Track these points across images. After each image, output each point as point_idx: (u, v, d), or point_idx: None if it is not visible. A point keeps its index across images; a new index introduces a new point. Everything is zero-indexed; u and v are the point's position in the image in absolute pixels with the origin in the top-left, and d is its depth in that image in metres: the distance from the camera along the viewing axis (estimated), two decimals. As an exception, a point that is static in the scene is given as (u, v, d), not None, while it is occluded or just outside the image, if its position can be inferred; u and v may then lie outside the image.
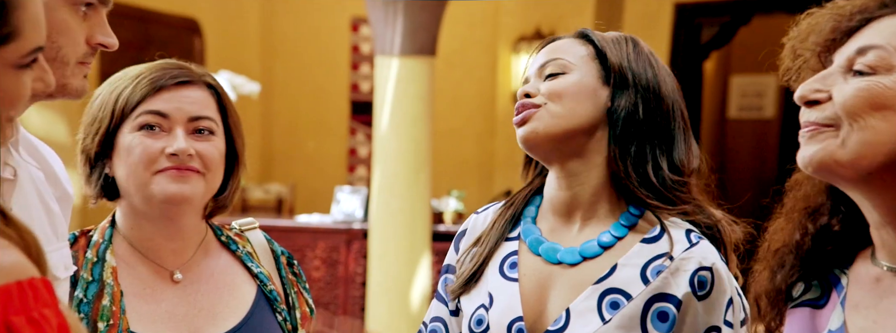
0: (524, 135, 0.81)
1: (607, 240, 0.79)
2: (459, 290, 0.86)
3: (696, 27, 4.21)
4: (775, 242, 0.71)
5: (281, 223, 3.61)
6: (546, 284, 0.81)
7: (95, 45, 0.69)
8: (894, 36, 0.62)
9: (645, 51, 0.84)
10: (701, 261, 0.77)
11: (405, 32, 3.06)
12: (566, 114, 0.79)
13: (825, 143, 0.62)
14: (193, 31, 4.28)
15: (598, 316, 0.77)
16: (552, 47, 0.84)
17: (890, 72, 0.61)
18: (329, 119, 4.61)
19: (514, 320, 0.81)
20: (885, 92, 0.60)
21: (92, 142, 0.87)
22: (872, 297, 0.65)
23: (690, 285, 0.76)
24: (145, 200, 0.87)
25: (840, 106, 0.62)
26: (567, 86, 0.80)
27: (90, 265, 0.87)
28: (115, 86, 0.88)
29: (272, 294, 0.92)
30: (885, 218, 0.64)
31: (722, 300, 0.76)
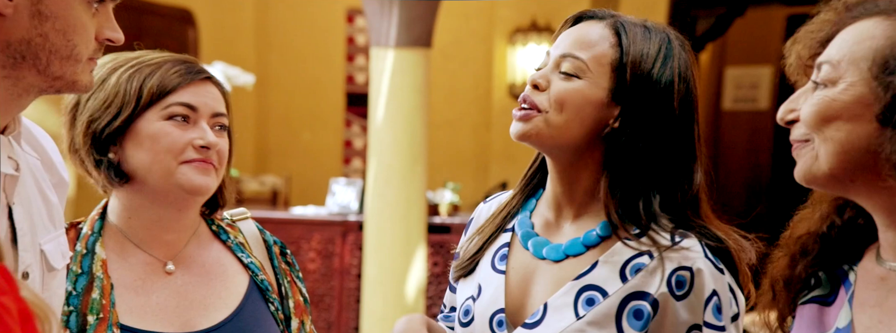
0: (517, 132, 0.80)
1: (592, 240, 0.79)
2: (457, 277, 0.87)
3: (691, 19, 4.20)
4: (799, 229, 0.72)
5: (276, 215, 3.61)
6: (530, 278, 0.81)
7: (103, 41, 0.70)
8: (841, 48, 0.64)
9: (676, 65, 0.78)
10: (681, 261, 0.76)
11: (401, 24, 3.04)
12: (564, 127, 0.78)
13: (805, 159, 0.66)
14: (187, 21, 4.25)
15: (573, 312, 0.77)
16: (580, 37, 0.79)
17: (835, 84, 0.64)
18: (324, 111, 4.60)
19: (496, 312, 0.81)
20: (831, 104, 0.63)
21: (108, 127, 0.86)
22: (878, 296, 0.66)
23: (668, 285, 0.75)
24: (166, 187, 0.87)
25: (802, 122, 0.65)
26: (574, 98, 0.77)
27: (79, 257, 0.87)
28: (132, 70, 0.87)
29: (264, 285, 0.92)
30: (886, 221, 0.66)
31: (701, 300, 0.76)
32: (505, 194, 0.90)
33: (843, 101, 0.64)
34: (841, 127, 0.64)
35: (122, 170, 0.88)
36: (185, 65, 0.89)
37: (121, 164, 0.88)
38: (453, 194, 3.55)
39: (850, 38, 0.65)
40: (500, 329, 0.80)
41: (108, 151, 0.87)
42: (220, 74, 3.26)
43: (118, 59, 0.89)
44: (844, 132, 0.63)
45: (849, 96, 0.64)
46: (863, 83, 0.63)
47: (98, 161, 0.87)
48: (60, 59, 0.65)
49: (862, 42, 0.64)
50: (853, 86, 0.64)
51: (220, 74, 3.21)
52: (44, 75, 0.65)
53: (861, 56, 0.64)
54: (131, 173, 0.88)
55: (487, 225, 0.87)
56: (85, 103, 0.88)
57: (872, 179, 0.64)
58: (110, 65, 0.89)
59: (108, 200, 0.92)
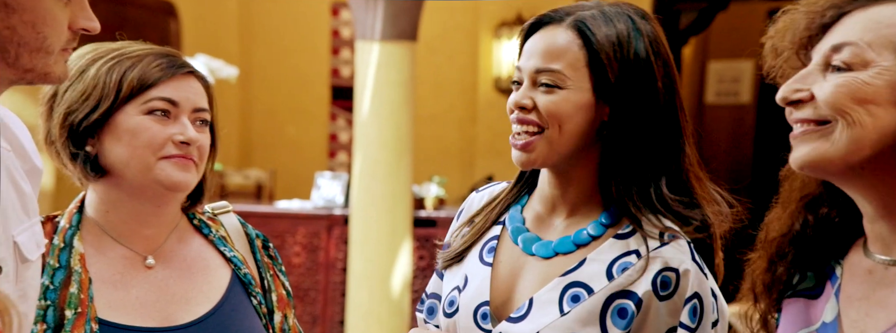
0: (522, 162, 0.79)
1: (583, 239, 0.79)
2: (445, 264, 0.87)
3: (674, 13, 4.23)
4: (773, 231, 0.71)
5: (260, 209, 3.58)
6: (518, 273, 0.81)
7: (78, 30, 0.68)
8: (865, 31, 0.63)
9: (646, 44, 0.77)
10: (668, 262, 0.76)
11: (386, 17, 3.02)
12: (564, 139, 0.77)
13: (816, 143, 0.63)
14: (169, 13, 4.19)
15: (558, 308, 0.77)
16: (547, 48, 0.77)
17: (866, 67, 0.62)
18: (309, 104, 4.57)
19: (481, 304, 0.81)
20: (863, 87, 0.61)
21: (85, 119, 0.85)
22: (865, 289, 0.66)
23: (653, 285, 0.75)
24: (144, 183, 0.86)
25: (823, 102, 0.63)
26: (564, 107, 0.77)
27: (57, 251, 0.86)
28: (112, 62, 0.85)
29: (246, 278, 0.91)
30: (879, 212, 0.65)
31: (682, 301, 0.76)
32: (499, 185, 0.90)
33: (877, 85, 0.61)
34: (873, 110, 0.61)
35: (100, 164, 0.86)
36: (168, 58, 0.87)
37: (98, 158, 0.86)
38: (439, 188, 3.55)
39: (875, 21, 0.62)
40: (484, 322, 0.80)
41: (86, 144, 0.86)
42: (203, 67, 3.22)
43: (99, 50, 0.87)
44: (876, 117, 0.61)
45: (883, 81, 0.61)
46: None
47: (74, 154, 0.86)
48: (30, 52, 0.64)
49: (892, 26, 0.61)
50: (888, 71, 0.61)
51: (202, 67, 3.17)
52: (14, 67, 0.64)
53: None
54: (109, 167, 0.86)
55: (480, 217, 0.86)
56: (62, 94, 0.86)
57: (884, 168, 0.62)
58: (90, 56, 0.87)
59: (85, 193, 0.90)
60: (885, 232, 0.65)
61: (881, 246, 0.66)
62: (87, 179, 0.87)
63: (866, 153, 0.62)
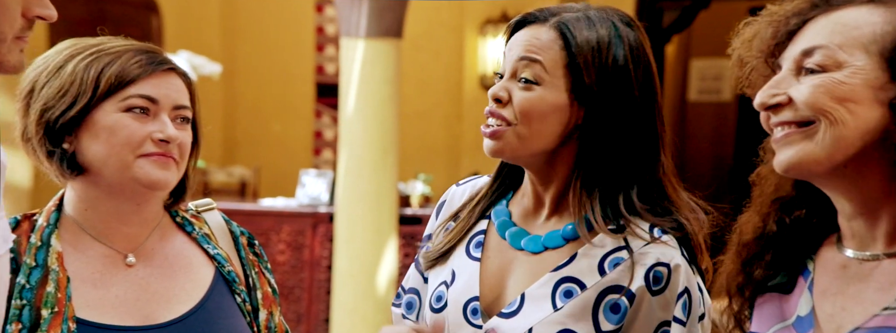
0: (490, 150, 0.80)
1: (571, 233, 0.80)
2: (429, 264, 0.86)
3: (657, 11, 4.26)
4: (746, 234, 0.72)
5: (244, 206, 3.56)
6: (507, 268, 0.81)
7: (33, 18, 0.66)
8: (834, 34, 0.64)
9: (627, 50, 0.77)
10: (659, 257, 0.76)
11: (371, 14, 3.01)
12: (534, 136, 0.78)
13: (801, 145, 0.64)
14: (151, 9, 4.13)
15: (551, 303, 0.77)
16: (530, 42, 0.78)
17: (840, 68, 0.63)
18: (294, 101, 4.54)
19: (470, 299, 0.81)
20: (840, 86, 0.63)
21: (62, 116, 0.83)
22: (839, 284, 0.67)
23: (646, 279, 0.76)
24: (122, 181, 0.84)
25: (803, 103, 0.64)
26: (538, 106, 0.77)
27: (34, 250, 0.84)
28: (90, 58, 0.83)
29: (230, 276, 0.90)
30: (858, 209, 0.66)
31: (674, 296, 0.77)
32: (481, 179, 0.89)
33: (854, 84, 0.62)
34: (853, 108, 0.62)
35: (77, 162, 0.84)
36: (148, 54, 0.85)
37: (76, 155, 0.84)
38: (425, 185, 3.54)
39: (841, 24, 0.64)
40: (474, 317, 0.80)
41: (63, 141, 0.84)
42: (186, 64, 3.19)
43: (77, 46, 0.85)
44: (856, 115, 0.62)
45: (859, 80, 0.62)
46: (874, 67, 0.62)
47: (50, 151, 0.84)
48: None
49: (861, 27, 0.63)
50: (863, 70, 0.62)
51: (185, 64, 3.14)
52: None
53: (868, 40, 0.63)
54: (86, 165, 0.85)
55: (464, 212, 0.86)
56: (39, 91, 0.84)
57: (866, 166, 0.63)
58: (68, 51, 0.85)
59: (64, 191, 0.89)
60: (863, 230, 0.66)
61: (857, 242, 0.67)
62: (65, 177, 0.86)
63: (850, 151, 0.63)
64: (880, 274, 0.65)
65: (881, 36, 0.63)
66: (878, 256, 0.65)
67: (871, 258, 0.66)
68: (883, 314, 0.63)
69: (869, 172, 0.64)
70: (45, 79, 0.84)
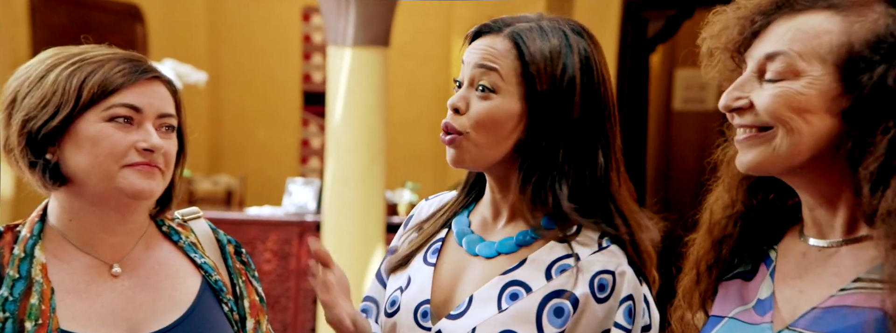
0: (451, 160, 0.83)
1: (525, 240, 0.81)
2: (390, 270, 0.89)
3: (642, 21, 4.31)
4: (716, 212, 0.75)
5: (230, 215, 3.53)
6: (460, 273, 0.83)
7: None
8: (794, 41, 0.67)
9: (575, 60, 0.80)
10: (605, 265, 0.79)
11: (358, 23, 3.02)
12: (490, 145, 0.80)
13: (760, 149, 0.68)
14: (135, 17, 4.11)
15: (496, 305, 0.78)
16: (486, 50, 0.81)
17: (798, 77, 0.66)
18: (280, 109, 4.53)
19: (422, 303, 0.83)
20: (798, 96, 0.66)
21: (44, 127, 0.81)
22: (799, 270, 0.70)
23: (590, 287, 0.78)
24: (107, 192, 0.84)
25: (763, 112, 0.67)
26: (494, 114, 0.80)
27: (17, 261, 0.83)
28: (73, 68, 0.82)
29: (217, 285, 0.89)
30: (818, 201, 0.70)
31: (617, 302, 0.78)
32: (448, 194, 0.92)
33: (810, 95, 0.66)
34: (809, 118, 0.66)
35: (60, 172, 0.84)
36: (131, 63, 0.85)
37: (59, 166, 0.83)
38: (412, 194, 3.54)
39: (803, 31, 0.67)
40: (424, 320, 0.82)
41: (46, 152, 0.83)
42: (171, 72, 3.17)
43: (60, 55, 0.85)
44: (811, 124, 0.66)
45: (815, 90, 0.65)
46: (829, 78, 0.65)
47: (33, 162, 0.83)
48: None
49: (819, 36, 0.66)
50: (819, 81, 0.65)
51: (170, 72, 3.12)
52: None
53: (826, 51, 0.65)
54: (70, 176, 0.84)
55: (428, 223, 0.89)
56: (21, 101, 0.83)
57: (820, 168, 0.67)
58: (50, 61, 0.84)
59: (48, 201, 0.88)
60: (824, 219, 0.70)
61: (816, 230, 0.70)
62: (48, 188, 0.85)
63: (806, 156, 0.67)
64: (838, 259, 0.68)
65: (837, 47, 0.65)
66: (836, 243, 0.68)
67: (829, 245, 0.69)
68: (838, 294, 0.67)
69: (824, 173, 0.67)
70: (27, 88, 0.83)
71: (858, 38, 0.65)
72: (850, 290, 0.66)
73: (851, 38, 0.65)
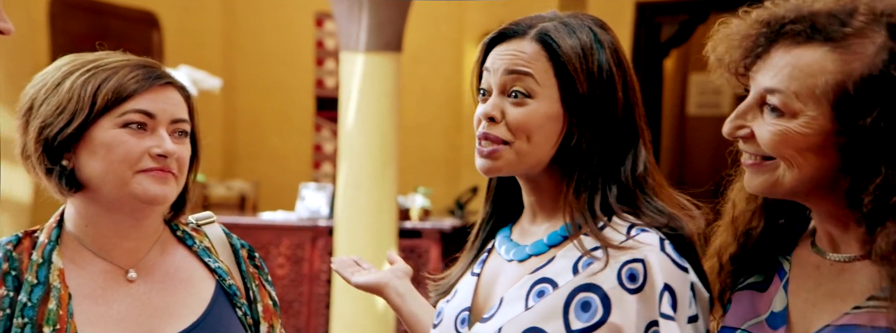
0: (486, 169, 0.80)
1: (555, 240, 0.80)
2: (436, 300, 0.89)
3: (656, 26, 4.29)
4: (740, 203, 0.77)
5: (244, 220, 3.55)
6: (497, 278, 0.83)
7: None
8: (791, 79, 0.68)
9: (609, 54, 0.78)
10: (633, 254, 0.75)
11: (370, 28, 3.03)
12: (534, 151, 0.78)
13: (766, 176, 0.70)
14: (151, 24, 4.16)
15: (524, 303, 0.77)
16: (515, 54, 0.78)
17: (795, 116, 0.68)
18: (293, 115, 4.55)
19: (462, 310, 0.83)
20: (795, 136, 0.68)
21: (60, 133, 0.83)
22: (812, 283, 0.71)
23: (618, 278, 0.74)
24: (121, 197, 0.85)
25: (765, 147, 0.70)
26: (536, 121, 0.77)
27: (35, 267, 0.84)
28: (87, 75, 0.84)
29: (231, 289, 0.90)
30: (827, 217, 0.72)
31: (655, 292, 0.74)
32: None
33: (807, 134, 0.67)
34: (808, 156, 0.68)
35: (76, 178, 0.85)
36: (145, 69, 0.86)
37: (75, 172, 0.84)
38: (424, 199, 3.54)
39: (799, 69, 0.68)
40: (462, 327, 0.81)
41: (62, 159, 0.84)
42: (186, 78, 3.20)
43: (75, 62, 0.86)
44: (809, 160, 0.68)
45: (812, 130, 0.67)
46: (825, 118, 0.67)
47: (49, 169, 0.84)
48: None
49: (815, 76, 0.67)
50: (816, 121, 0.67)
51: (185, 78, 3.15)
52: None
53: (821, 91, 0.67)
54: (85, 182, 0.85)
55: (468, 248, 0.88)
56: (38, 108, 0.84)
57: (823, 193, 0.69)
58: (66, 68, 0.85)
59: (65, 207, 0.89)
60: (836, 233, 0.71)
61: (829, 243, 0.72)
62: (64, 194, 0.86)
63: (809, 186, 0.69)
64: (852, 274, 0.69)
65: (833, 87, 0.66)
66: (850, 258, 0.70)
67: (843, 259, 0.70)
68: (852, 312, 0.67)
69: (830, 197, 0.70)
70: (43, 96, 0.84)
71: (853, 79, 0.66)
72: (864, 308, 0.67)
73: (846, 79, 0.66)
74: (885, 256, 0.65)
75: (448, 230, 3.45)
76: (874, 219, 0.65)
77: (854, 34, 0.66)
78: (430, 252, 3.47)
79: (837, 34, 0.67)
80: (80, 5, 3.79)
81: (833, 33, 0.67)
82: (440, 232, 3.45)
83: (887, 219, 0.65)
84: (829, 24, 0.67)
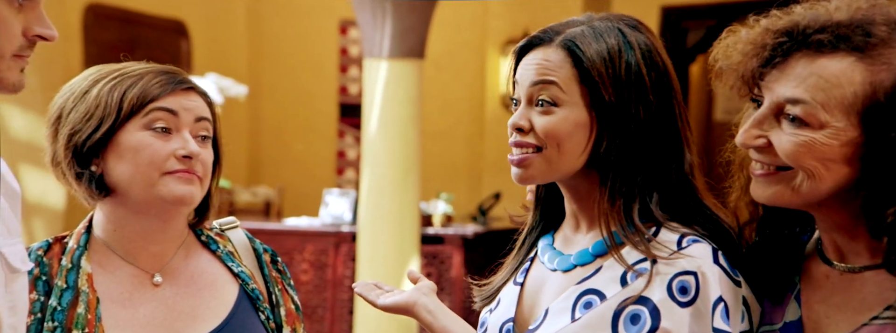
0: (519, 177, 0.79)
1: (600, 249, 0.78)
2: (482, 305, 0.88)
3: (682, 31, 4.24)
4: (743, 213, 0.76)
5: (269, 226, 3.59)
6: (541, 288, 0.81)
7: (33, 38, 0.67)
8: (816, 90, 0.66)
9: (638, 56, 0.76)
10: (685, 266, 0.73)
11: (394, 35, 3.05)
12: (565, 159, 0.77)
13: (778, 187, 0.69)
14: (180, 33, 4.25)
15: (570, 315, 0.76)
16: (542, 64, 0.77)
17: (821, 127, 0.67)
18: (317, 121, 4.60)
19: (506, 321, 0.82)
20: (821, 147, 0.67)
21: (88, 139, 0.85)
22: (823, 293, 0.71)
23: (668, 290, 0.73)
24: (149, 200, 0.87)
25: (785, 157, 0.68)
26: (565, 128, 0.76)
27: (65, 272, 0.86)
28: (114, 82, 0.86)
29: (255, 293, 0.91)
30: (836, 229, 0.71)
31: (708, 305, 0.72)
32: None
33: (833, 145, 0.66)
34: (830, 165, 0.67)
35: (105, 183, 0.87)
36: (168, 75, 0.88)
37: (103, 177, 0.87)
38: (447, 205, 3.54)
39: (824, 79, 0.66)
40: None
41: (91, 164, 0.87)
42: (213, 86, 3.26)
43: (101, 71, 0.89)
44: (832, 170, 0.67)
45: (839, 141, 0.66)
46: (852, 128, 0.66)
47: (79, 174, 0.86)
48: None
49: (842, 86, 0.66)
50: (843, 132, 0.66)
51: (212, 86, 3.21)
52: None
53: (849, 102, 0.66)
54: (113, 186, 0.87)
55: (513, 254, 0.87)
56: (67, 116, 0.87)
57: (839, 203, 0.69)
58: (93, 76, 0.88)
59: (93, 213, 0.91)
60: (843, 242, 0.70)
61: (836, 253, 0.71)
62: (94, 198, 0.88)
63: (823, 196, 0.68)
64: (862, 285, 0.69)
65: (861, 98, 0.66)
66: (859, 268, 0.69)
67: (851, 270, 0.69)
68: (871, 324, 0.67)
69: (841, 207, 0.69)
70: (71, 104, 0.87)
71: (883, 88, 0.65)
72: (883, 320, 0.66)
73: (876, 88, 0.65)
74: None
75: (470, 236, 3.45)
76: (894, 231, 0.65)
77: (879, 44, 0.66)
78: (453, 258, 3.46)
79: (863, 44, 0.66)
80: (112, 15, 3.89)
81: (859, 43, 0.66)
82: (462, 238, 3.44)
83: None
84: (854, 34, 0.66)
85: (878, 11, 0.67)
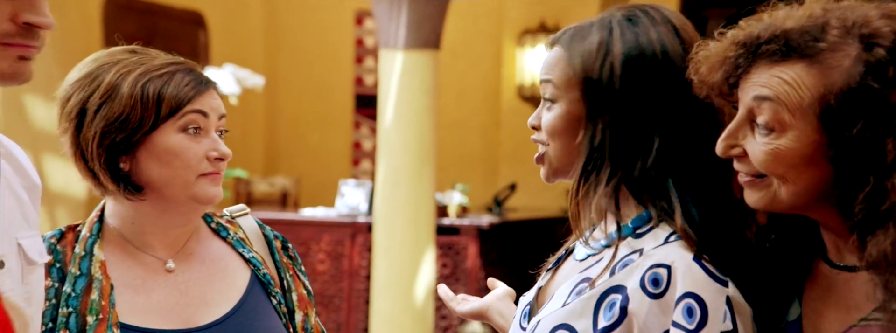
0: (542, 175, 0.84)
1: (610, 241, 0.79)
2: None
3: (701, 19, 4.19)
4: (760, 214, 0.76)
5: (285, 216, 3.62)
6: (562, 275, 0.84)
7: (22, 25, 0.61)
8: (778, 88, 0.67)
9: (621, 50, 0.77)
10: (661, 259, 0.73)
11: (409, 26, 3.04)
12: (566, 151, 0.80)
13: (763, 192, 0.70)
14: (198, 24, 4.27)
15: (564, 300, 0.78)
16: (545, 63, 0.82)
17: (785, 131, 0.67)
18: (333, 112, 4.61)
19: (527, 303, 0.85)
20: (787, 152, 0.68)
21: (125, 140, 0.85)
22: (821, 291, 0.72)
23: (641, 281, 0.73)
24: (182, 200, 0.88)
25: (757, 165, 0.69)
26: (560, 124, 0.80)
27: (78, 259, 0.87)
28: (145, 79, 0.85)
29: (266, 278, 0.92)
30: (828, 228, 0.72)
31: (673, 299, 0.72)
32: None
33: (797, 149, 0.67)
34: (802, 170, 0.68)
35: (132, 181, 0.87)
36: (192, 74, 0.88)
37: (131, 175, 0.87)
38: (462, 195, 3.54)
39: (784, 81, 0.67)
40: (524, 320, 0.84)
41: (119, 162, 0.87)
42: (231, 76, 3.28)
43: (118, 61, 0.87)
44: (804, 174, 0.68)
45: (802, 144, 0.67)
46: (813, 130, 0.67)
47: (114, 173, 0.86)
48: None
49: (798, 90, 0.67)
50: (805, 134, 0.67)
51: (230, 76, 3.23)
52: None
53: (806, 104, 0.67)
54: (144, 184, 0.87)
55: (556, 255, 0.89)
56: (94, 112, 0.85)
57: (823, 206, 0.69)
58: (110, 65, 0.86)
59: (104, 202, 0.91)
60: (838, 242, 0.71)
61: (835, 253, 0.72)
62: (129, 198, 0.88)
63: (805, 199, 0.69)
64: (856, 284, 0.69)
65: (817, 100, 0.66)
66: (853, 268, 0.70)
67: (848, 269, 0.70)
68: (860, 325, 0.68)
69: (827, 210, 0.69)
70: (98, 99, 0.86)
71: (834, 93, 0.66)
72: (870, 321, 0.67)
73: (827, 92, 0.66)
74: (875, 264, 0.65)
75: (486, 227, 3.44)
76: (865, 228, 0.65)
77: (828, 48, 0.66)
78: (468, 248, 3.47)
79: (812, 50, 0.67)
80: (132, 6, 3.92)
81: (808, 50, 0.67)
82: (478, 228, 3.44)
83: (877, 228, 0.65)
84: (803, 41, 0.67)
85: (835, 15, 0.67)
